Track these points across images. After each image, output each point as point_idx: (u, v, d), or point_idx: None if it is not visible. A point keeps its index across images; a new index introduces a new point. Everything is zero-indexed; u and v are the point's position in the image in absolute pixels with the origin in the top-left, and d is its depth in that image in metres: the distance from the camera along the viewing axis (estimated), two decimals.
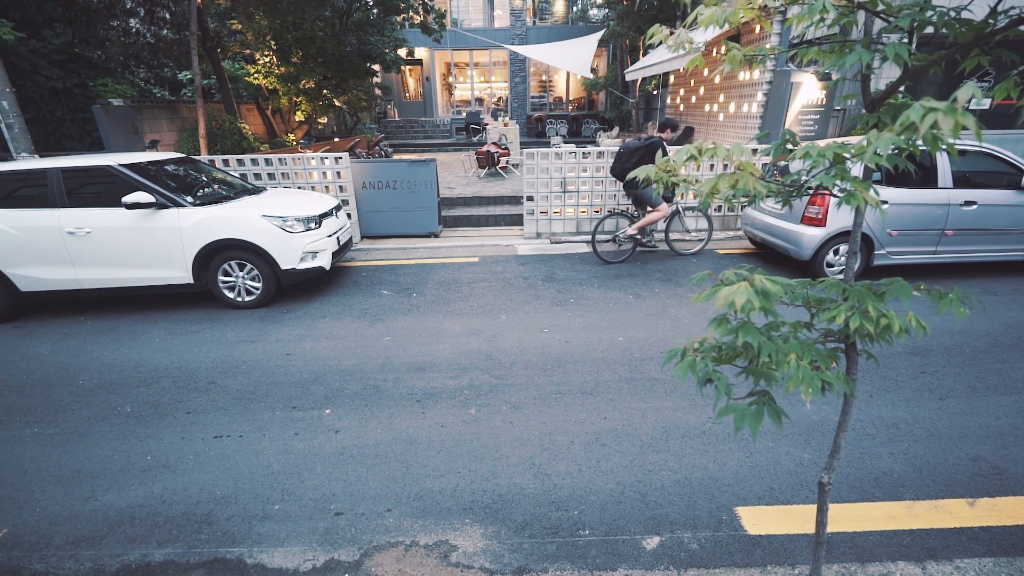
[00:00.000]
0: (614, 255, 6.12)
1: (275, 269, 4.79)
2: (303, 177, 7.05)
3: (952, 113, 0.74)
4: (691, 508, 2.32)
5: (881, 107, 1.23)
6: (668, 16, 12.56)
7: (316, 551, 2.15)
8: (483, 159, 10.56)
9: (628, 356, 3.73)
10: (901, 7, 1.15)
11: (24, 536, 2.27)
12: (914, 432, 2.80)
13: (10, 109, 6.79)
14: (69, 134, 10.37)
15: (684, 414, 3.02)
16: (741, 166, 1.18)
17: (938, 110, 0.76)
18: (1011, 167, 4.92)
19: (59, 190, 4.52)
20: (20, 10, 9.27)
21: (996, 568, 1.95)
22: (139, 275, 4.70)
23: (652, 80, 13.95)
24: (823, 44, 1.34)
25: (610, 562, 2.06)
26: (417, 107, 20.72)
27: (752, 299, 0.97)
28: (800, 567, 1.99)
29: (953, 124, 0.74)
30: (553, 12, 20.67)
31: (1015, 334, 3.92)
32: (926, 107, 0.77)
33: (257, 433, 2.96)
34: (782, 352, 1.09)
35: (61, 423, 3.11)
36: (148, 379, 3.60)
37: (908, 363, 3.53)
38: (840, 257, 5.11)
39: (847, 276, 1.31)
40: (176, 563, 2.11)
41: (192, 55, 8.27)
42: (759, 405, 1.13)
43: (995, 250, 5.13)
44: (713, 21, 1.21)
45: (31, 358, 3.99)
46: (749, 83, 9.12)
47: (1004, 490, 2.37)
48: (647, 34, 1.38)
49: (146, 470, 2.68)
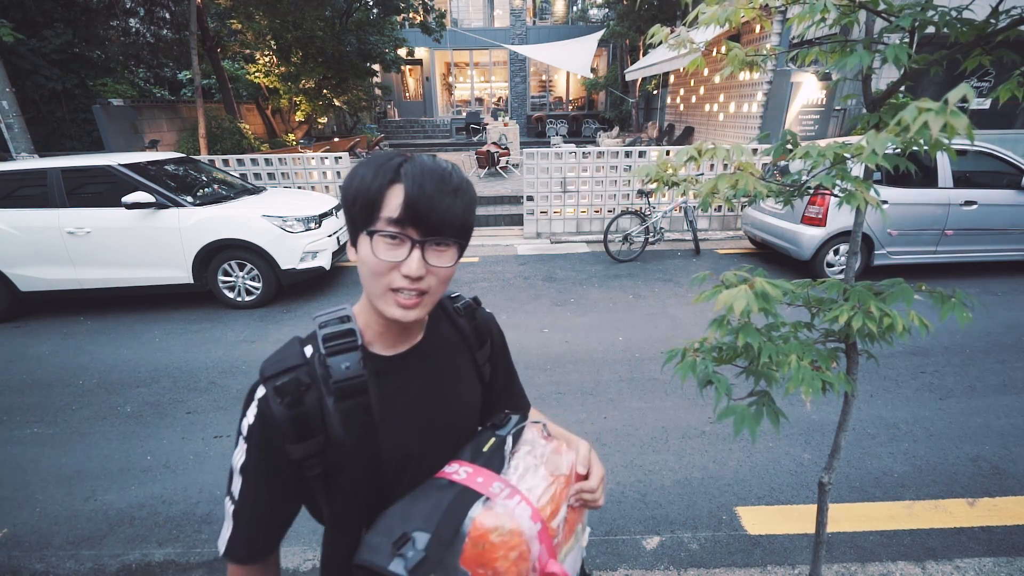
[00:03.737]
0: (625, 253, 6.12)
1: (275, 269, 4.79)
2: (303, 177, 7.05)
3: (942, 113, 0.75)
4: (691, 508, 2.32)
5: (882, 107, 1.23)
6: (668, 16, 12.56)
7: (316, 551, 2.15)
8: (483, 159, 10.56)
9: (628, 356, 3.73)
10: (902, 7, 1.15)
11: (24, 536, 2.27)
12: (914, 432, 2.80)
13: (10, 109, 6.79)
14: (69, 134, 10.37)
15: (684, 414, 3.02)
16: (741, 166, 1.18)
17: (930, 110, 0.76)
18: (1011, 167, 4.92)
19: (59, 190, 4.52)
20: (20, 10, 9.27)
21: (996, 568, 1.95)
22: (139, 275, 4.69)
23: (652, 80, 13.95)
24: (824, 44, 1.34)
25: (610, 562, 2.06)
26: (417, 107, 20.72)
27: (752, 303, 0.97)
28: (800, 567, 1.99)
29: (942, 124, 0.74)
30: (553, 12, 20.67)
31: (1015, 334, 3.92)
32: (919, 108, 0.77)
33: None
34: (782, 353, 1.08)
35: (61, 423, 3.11)
36: (148, 379, 3.60)
37: (908, 363, 3.53)
38: (840, 257, 5.11)
39: (847, 276, 1.31)
40: (176, 563, 2.11)
41: (192, 55, 8.28)
42: (758, 406, 1.13)
43: (995, 250, 5.13)
44: (714, 20, 1.20)
45: (31, 358, 3.99)
46: (749, 83, 9.12)
47: (1004, 490, 2.37)
48: (647, 34, 1.38)
49: (146, 470, 2.68)
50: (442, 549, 0.62)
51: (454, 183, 0.68)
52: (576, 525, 0.79)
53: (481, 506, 0.67)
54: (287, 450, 0.70)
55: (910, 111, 0.78)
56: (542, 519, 0.69)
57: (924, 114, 0.76)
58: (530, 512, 0.68)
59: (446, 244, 0.70)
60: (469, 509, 0.66)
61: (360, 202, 0.67)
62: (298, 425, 0.69)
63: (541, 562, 0.68)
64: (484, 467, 0.73)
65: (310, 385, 0.70)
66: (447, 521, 0.64)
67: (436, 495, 0.68)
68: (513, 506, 0.67)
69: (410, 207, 0.65)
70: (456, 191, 0.68)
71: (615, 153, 7.01)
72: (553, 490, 0.73)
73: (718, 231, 7.34)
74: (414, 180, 0.66)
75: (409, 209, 0.65)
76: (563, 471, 0.76)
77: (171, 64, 13.81)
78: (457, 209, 0.68)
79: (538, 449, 0.78)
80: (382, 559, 0.60)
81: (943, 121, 0.74)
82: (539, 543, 0.68)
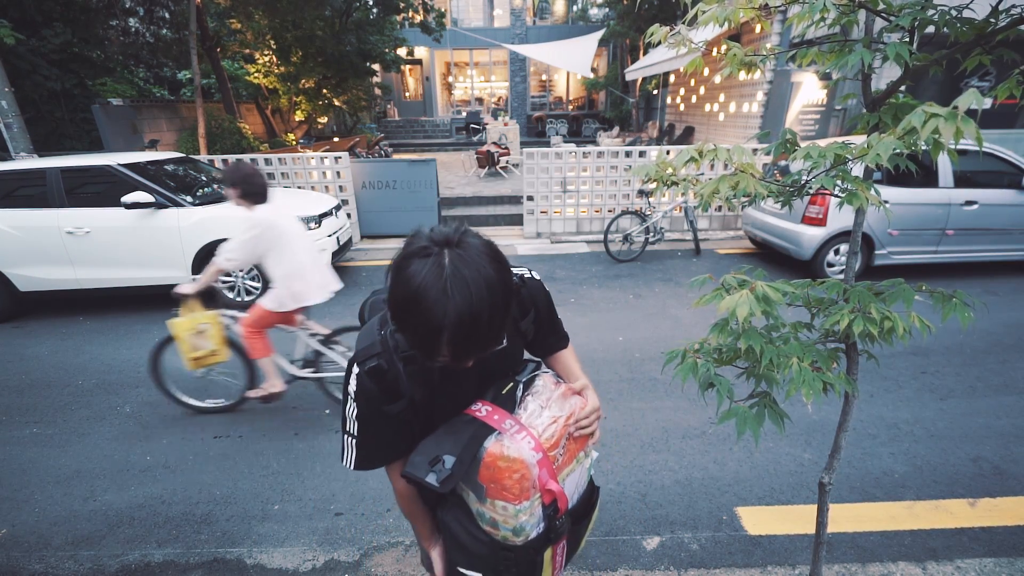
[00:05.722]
0: (625, 253, 6.12)
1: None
2: (303, 177, 7.04)
3: (953, 120, 0.74)
4: (691, 508, 2.31)
5: (882, 107, 1.23)
6: (668, 15, 12.54)
7: (316, 551, 2.15)
8: (483, 159, 10.55)
9: (628, 356, 3.73)
10: (902, 6, 1.15)
11: (23, 536, 2.27)
12: (915, 432, 2.80)
13: (9, 108, 6.78)
14: (68, 134, 10.36)
15: (684, 414, 3.02)
16: (742, 167, 1.17)
17: (939, 116, 0.75)
18: (1012, 167, 4.91)
19: (58, 190, 4.51)
20: (19, 9, 9.26)
21: (997, 568, 1.95)
22: (138, 275, 4.69)
23: (652, 80, 13.93)
24: (823, 44, 1.34)
25: (610, 562, 2.05)
26: (417, 107, 20.71)
27: (754, 308, 0.98)
28: (800, 567, 1.98)
29: (954, 131, 0.73)
30: (553, 11, 20.66)
31: (1016, 334, 3.91)
32: (927, 112, 0.77)
33: (257, 433, 2.95)
34: (783, 355, 1.08)
35: (60, 423, 3.11)
36: (147, 379, 3.58)
37: (909, 363, 3.53)
38: (841, 257, 5.11)
39: (848, 276, 1.31)
40: (176, 563, 2.11)
41: (191, 55, 8.26)
42: (760, 408, 1.12)
43: (996, 250, 5.12)
44: (713, 19, 1.20)
45: (30, 358, 3.99)
46: (749, 83, 9.11)
47: (1005, 490, 2.36)
48: (647, 33, 1.38)
49: (146, 470, 2.68)
50: (463, 468, 0.88)
51: (485, 320, 0.75)
52: (578, 453, 1.01)
53: (494, 439, 0.91)
54: (384, 410, 0.95)
55: (918, 116, 0.77)
56: (543, 450, 0.92)
57: (934, 119, 0.75)
58: (533, 444, 0.91)
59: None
60: (484, 440, 0.91)
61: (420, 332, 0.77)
62: (386, 394, 0.93)
63: (541, 481, 0.91)
64: (500, 407, 0.96)
65: (388, 367, 0.93)
66: (468, 449, 0.89)
67: (462, 428, 0.92)
68: (520, 440, 0.90)
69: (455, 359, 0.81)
70: (489, 325, 0.76)
71: (615, 153, 7.00)
72: (555, 427, 0.95)
73: (718, 231, 7.34)
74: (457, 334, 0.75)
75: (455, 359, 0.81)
76: (565, 412, 0.97)
77: (171, 64, 13.79)
78: (489, 343, 0.80)
79: (547, 393, 0.99)
80: (421, 473, 0.87)
81: (955, 127, 0.74)
82: (539, 468, 0.91)
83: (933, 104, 0.78)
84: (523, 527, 0.92)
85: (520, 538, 0.93)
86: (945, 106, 0.83)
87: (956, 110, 0.74)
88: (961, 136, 0.75)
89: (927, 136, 0.76)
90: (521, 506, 0.90)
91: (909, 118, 0.78)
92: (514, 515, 0.90)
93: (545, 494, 0.92)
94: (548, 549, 0.98)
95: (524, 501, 0.90)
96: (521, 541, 0.93)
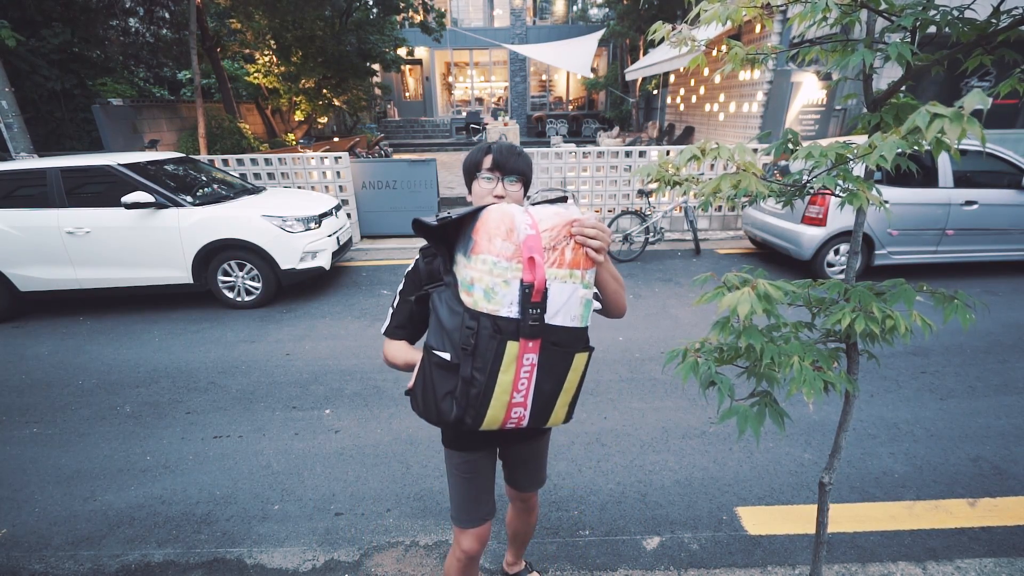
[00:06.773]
0: (625, 253, 6.12)
1: (275, 269, 4.79)
2: (303, 177, 7.04)
3: (959, 120, 0.74)
4: (691, 508, 2.31)
5: (883, 107, 1.23)
6: (669, 15, 12.54)
7: (316, 551, 2.15)
8: None
9: (628, 356, 3.73)
10: (904, 6, 1.15)
11: (23, 536, 2.27)
12: (915, 432, 2.80)
13: (9, 108, 6.78)
14: (68, 134, 10.36)
15: (684, 414, 3.02)
16: (743, 166, 1.17)
17: (944, 117, 0.75)
18: (1012, 167, 4.91)
19: (58, 190, 4.51)
20: (19, 9, 9.25)
21: (997, 568, 1.95)
22: (138, 275, 4.69)
23: (652, 80, 13.94)
24: (824, 44, 1.34)
25: (610, 562, 2.05)
26: (417, 107, 20.71)
27: (755, 306, 0.97)
28: (800, 567, 1.98)
29: (959, 132, 0.73)
30: (553, 11, 20.67)
31: (1016, 334, 3.91)
32: (932, 113, 0.76)
33: (257, 433, 2.95)
34: (784, 354, 1.08)
35: (60, 423, 3.11)
36: (148, 379, 3.60)
37: (909, 363, 3.53)
38: (841, 257, 5.11)
39: (848, 276, 1.31)
40: (176, 563, 2.11)
41: (192, 55, 8.26)
42: (760, 407, 1.12)
43: (996, 250, 5.12)
44: (715, 18, 1.20)
45: (30, 358, 3.99)
46: (749, 83, 9.11)
47: (1005, 490, 2.36)
48: (648, 31, 1.38)
49: (146, 470, 2.68)
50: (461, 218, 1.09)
51: (517, 151, 1.29)
52: (575, 269, 1.09)
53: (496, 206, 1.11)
54: (423, 287, 1.25)
55: (923, 116, 0.77)
56: (537, 229, 1.06)
57: (939, 120, 0.75)
58: (530, 222, 1.06)
59: (515, 180, 1.29)
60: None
61: (471, 164, 1.31)
62: (430, 275, 1.27)
63: (527, 246, 1.03)
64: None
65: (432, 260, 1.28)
66: (471, 213, 1.09)
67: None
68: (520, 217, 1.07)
69: (495, 163, 1.26)
70: (519, 155, 1.29)
71: (615, 153, 7.00)
72: (556, 219, 1.08)
73: (718, 231, 7.34)
74: (497, 150, 1.27)
75: (495, 164, 1.27)
76: (570, 213, 1.11)
77: (171, 64, 13.79)
78: (520, 164, 1.28)
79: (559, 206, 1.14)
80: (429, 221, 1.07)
81: (960, 128, 0.74)
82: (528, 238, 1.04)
83: (937, 104, 0.78)
84: (495, 289, 1.03)
85: (491, 304, 1.04)
86: (946, 106, 0.83)
87: (961, 110, 0.73)
88: (965, 136, 0.75)
89: (931, 137, 0.76)
90: (499, 261, 1.03)
91: (913, 118, 0.77)
92: (490, 270, 1.03)
93: (527, 265, 1.02)
94: (516, 345, 1.04)
95: (503, 259, 1.03)
96: (491, 310, 1.04)
